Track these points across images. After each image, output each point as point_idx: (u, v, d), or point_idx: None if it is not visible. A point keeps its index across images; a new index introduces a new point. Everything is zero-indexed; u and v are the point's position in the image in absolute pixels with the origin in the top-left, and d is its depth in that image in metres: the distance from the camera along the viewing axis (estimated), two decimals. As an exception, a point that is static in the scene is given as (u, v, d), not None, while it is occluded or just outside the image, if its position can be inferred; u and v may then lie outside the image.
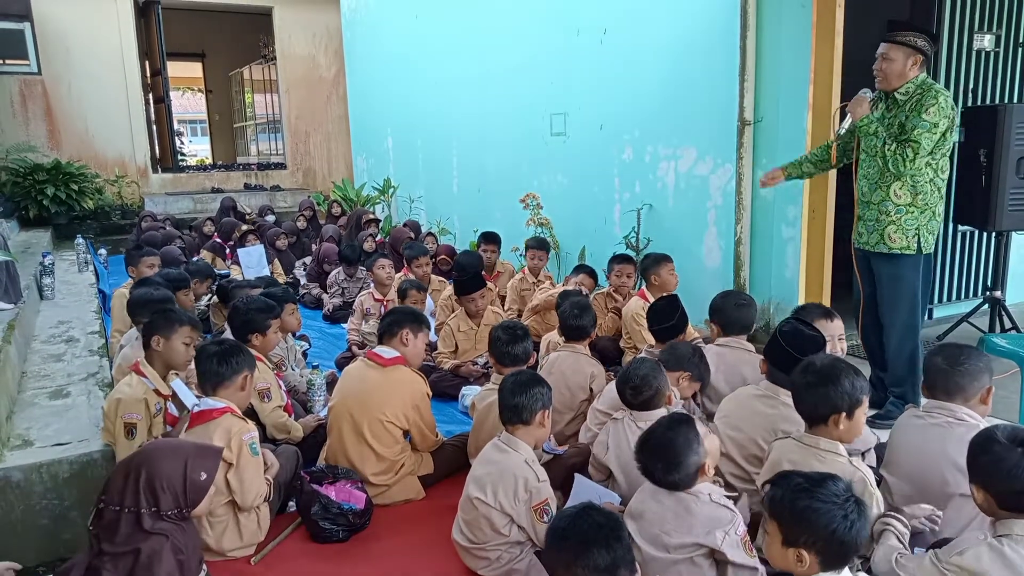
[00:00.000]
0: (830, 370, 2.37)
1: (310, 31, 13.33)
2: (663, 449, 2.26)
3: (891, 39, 3.51)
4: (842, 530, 1.78)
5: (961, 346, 2.66)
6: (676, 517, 2.25)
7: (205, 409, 2.79)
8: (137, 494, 2.20)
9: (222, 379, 2.85)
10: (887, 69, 3.52)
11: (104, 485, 2.30)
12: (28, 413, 3.44)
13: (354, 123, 11.80)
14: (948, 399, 2.56)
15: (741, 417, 2.87)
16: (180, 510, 2.27)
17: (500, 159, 7.77)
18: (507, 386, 2.73)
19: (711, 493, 2.27)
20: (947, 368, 2.55)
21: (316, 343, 5.71)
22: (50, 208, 10.17)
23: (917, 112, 3.43)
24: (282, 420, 3.55)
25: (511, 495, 2.56)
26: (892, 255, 3.63)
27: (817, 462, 2.30)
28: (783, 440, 2.52)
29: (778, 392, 2.84)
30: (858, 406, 2.36)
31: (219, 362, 2.85)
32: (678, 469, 2.23)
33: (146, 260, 5.41)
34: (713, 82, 5.06)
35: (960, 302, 5.54)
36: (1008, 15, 5.25)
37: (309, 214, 9.63)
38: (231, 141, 18.19)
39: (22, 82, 11.10)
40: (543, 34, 6.77)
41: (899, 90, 3.53)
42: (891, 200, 3.57)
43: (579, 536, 1.82)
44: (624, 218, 6.02)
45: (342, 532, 2.91)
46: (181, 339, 3.24)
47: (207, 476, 2.32)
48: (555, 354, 3.76)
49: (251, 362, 2.98)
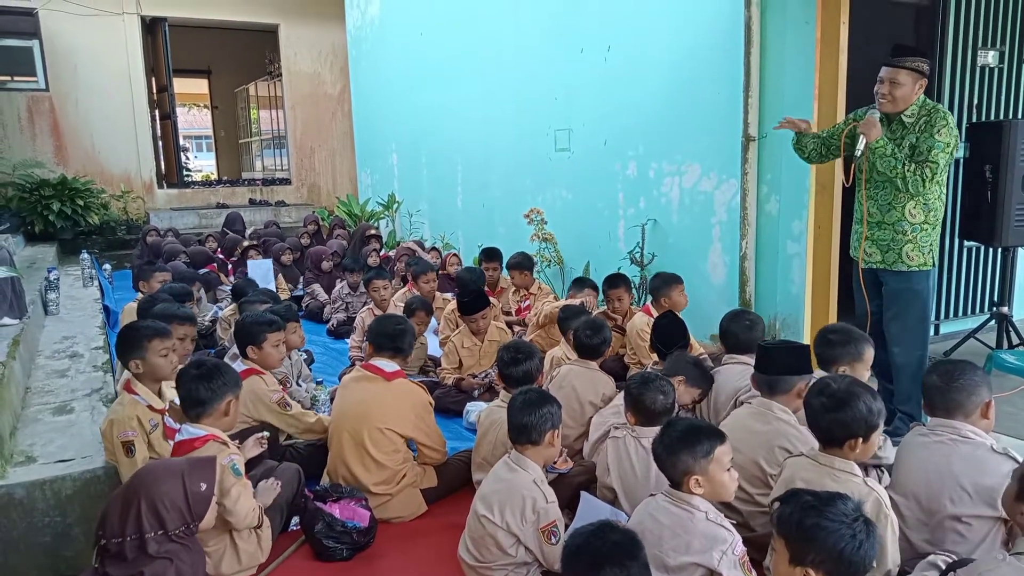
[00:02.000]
0: (847, 395, 2.34)
1: (316, 48, 13.44)
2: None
3: (900, 64, 3.53)
4: (850, 550, 1.76)
5: (955, 362, 2.65)
6: (674, 536, 2.22)
7: (186, 439, 2.66)
8: (139, 521, 2.17)
9: (204, 405, 2.70)
10: (896, 94, 3.54)
11: (100, 520, 2.25)
12: (31, 429, 3.42)
13: (359, 139, 11.86)
14: (948, 416, 2.55)
15: (738, 439, 2.83)
16: (188, 526, 2.26)
17: (504, 174, 7.79)
18: (516, 405, 2.70)
19: (708, 512, 2.24)
20: (943, 385, 2.55)
21: (320, 358, 5.70)
22: (56, 223, 10.21)
23: (930, 133, 3.47)
24: (309, 422, 3.54)
25: (518, 515, 2.53)
26: (909, 272, 3.65)
27: (832, 482, 2.28)
28: (796, 458, 2.50)
29: (771, 406, 2.85)
30: (874, 430, 2.34)
31: (200, 387, 2.69)
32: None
33: (158, 275, 5.42)
34: (717, 98, 5.07)
35: (967, 318, 5.51)
36: (1012, 32, 5.27)
37: (313, 229, 9.66)
38: (236, 157, 18.27)
39: (30, 98, 11.20)
40: (547, 51, 6.80)
41: (905, 112, 3.58)
42: (907, 220, 3.60)
43: (594, 554, 1.80)
44: (628, 233, 6.02)
45: (346, 550, 2.89)
46: (156, 353, 3.13)
47: (207, 486, 2.31)
48: (567, 367, 3.74)
49: (235, 384, 2.83)
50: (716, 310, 5.15)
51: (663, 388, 2.86)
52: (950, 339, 5.17)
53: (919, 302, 3.69)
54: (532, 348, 3.43)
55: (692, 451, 2.25)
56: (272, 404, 3.48)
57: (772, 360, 2.88)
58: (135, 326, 3.30)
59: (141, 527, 2.17)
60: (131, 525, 2.18)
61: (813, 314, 4.78)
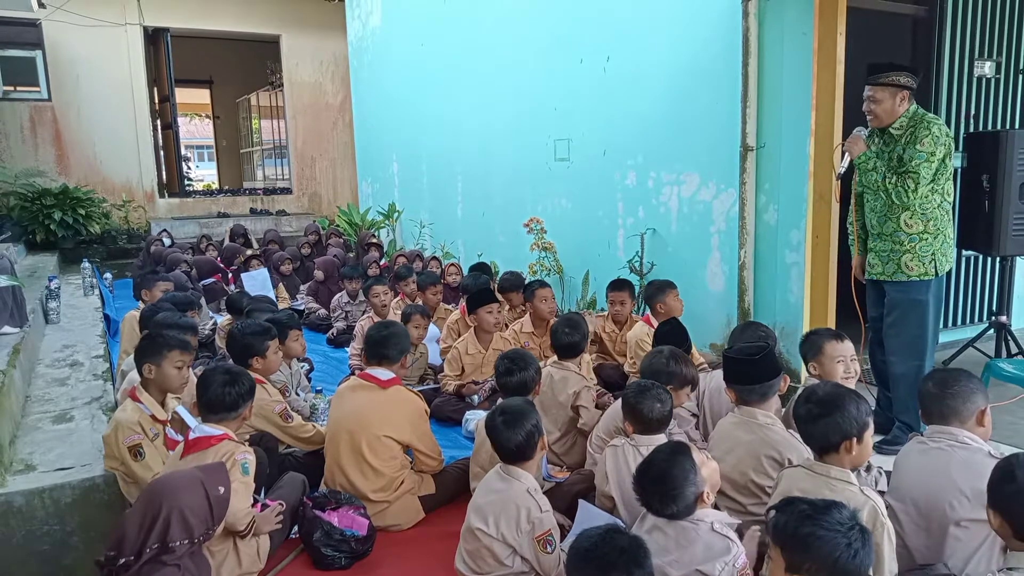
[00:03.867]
0: (834, 397, 2.37)
1: (317, 58, 13.50)
2: (661, 481, 2.23)
3: (874, 81, 3.64)
4: (845, 558, 1.76)
5: (950, 370, 2.67)
6: (678, 547, 2.22)
7: (202, 436, 2.71)
8: (165, 532, 2.19)
9: (229, 410, 2.79)
10: (877, 110, 3.66)
11: (116, 540, 2.22)
12: (31, 437, 3.43)
13: (360, 148, 11.90)
14: (944, 423, 2.56)
15: (726, 449, 2.86)
16: (209, 531, 2.30)
17: (504, 184, 7.81)
18: (497, 427, 2.63)
19: (714, 522, 2.24)
20: (938, 392, 2.57)
21: (320, 367, 5.70)
22: (57, 232, 10.24)
23: (912, 144, 3.54)
24: (308, 435, 3.56)
25: (513, 526, 2.52)
26: (909, 282, 3.68)
27: (829, 491, 2.28)
28: (792, 469, 2.50)
29: (754, 414, 2.86)
30: (866, 428, 2.36)
31: (230, 392, 2.78)
32: (676, 500, 2.21)
33: (160, 284, 5.43)
34: (716, 108, 5.10)
35: (966, 327, 5.52)
36: (1008, 42, 5.31)
37: (314, 239, 9.65)
38: (238, 166, 18.33)
39: (32, 108, 11.26)
40: (547, 62, 6.84)
41: (893, 125, 3.66)
42: (903, 230, 3.64)
43: (600, 559, 1.81)
44: (628, 243, 6.03)
45: (344, 559, 2.89)
46: (172, 364, 3.18)
47: (224, 489, 2.37)
48: (546, 370, 3.74)
49: (253, 391, 2.95)
50: (715, 319, 5.18)
51: (660, 396, 2.86)
52: (948, 348, 5.17)
53: (917, 312, 3.70)
54: (529, 358, 3.42)
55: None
56: (274, 416, 3.48)
57: (740, 372, 2.89)
58: (161, 332, 3.41)
59: (166, 537, 2.18)
60: (155, 537, 2.18)
61: (811, 323, 4.77)
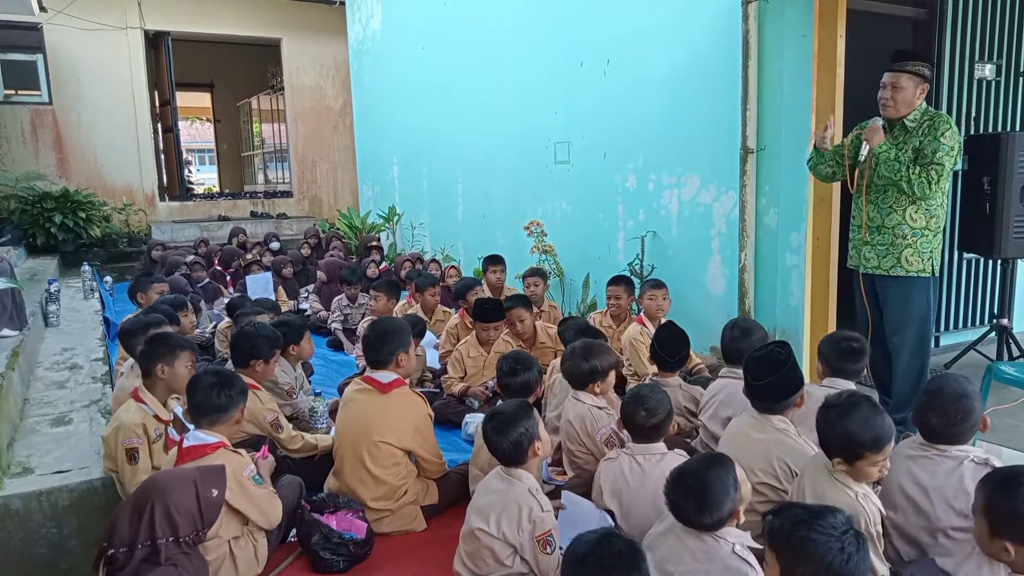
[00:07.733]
0: (869, 407, 2.41)
1: (318, 62, 13.52)
2: (699, 489, 2.13)
3: (901, 68, 3.57)
4: (838, 563, 1.75)
5: (949, 395, 2.56)
6: (694, 560, 2.16)
7: (197, 444, 2.67)
8: (152, 528, 2.20)
9: (220, 412, 2.75)
10: (897, 97, 3.58)
11: (108, 531, 2.24)
12: (29, 440, 3.42)
13: (360, 152, 11.91)
14: (949, 445, 2.55)
15: (739, 446, 2.82)
16: (197, 532, 2.29)
17: (505, 187, 7.81)
18: (489, 433, 2.62)
19: (736, 544, 2.15)
20: (941, 423, 2.54)
21: (319, 370, 5.69)
22: (57, 235, 10.23)
23: (934, 136, 3.49)
24: (300, 444, 3.54)
25: (515, 525, 2.51)
26: (908, 278, 3.65)
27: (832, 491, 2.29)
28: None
29: (770, 418, 2.84)
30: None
31: (218, 394, 2.75)
32: (711, 511, 2.12)
33: (156, 287, 5.42)
34: (716, 111, 5.10)
35: (967, 330, 5.51)
36: (1008, 45, 5.31)
37: (314, 242, 9.66)
38: (239, 170, 18.34)
39: (33, 112, 11.27)
40: (547, 65, 6.84)
41: (908, 117, 3.60)
42: (907, 224, 3.61)
43: (597, 563, 1.79)
44: (628, 245, 6.02)
45: (343, 562, 2.87)
46: (184, 364, 3.21)
47: (218, 492, 2.36)
48: (557, 375, 3.67)
49: (245, 394, 2.91)
50: (715, 322, 5.15)
51: (659, 402, 2.84)
52: (950, 351, 5.16)
53: (919, 310, 3.68)
54: (531, 359, 3.41)
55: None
56: (265, 424, 3.47)
57: (765, 394, 2.83)
58: (170, 334, 3.50)
59: (153, 534, 2.19)
60: (143, 532, 2.20)
61: (812, 326, 4.77)
